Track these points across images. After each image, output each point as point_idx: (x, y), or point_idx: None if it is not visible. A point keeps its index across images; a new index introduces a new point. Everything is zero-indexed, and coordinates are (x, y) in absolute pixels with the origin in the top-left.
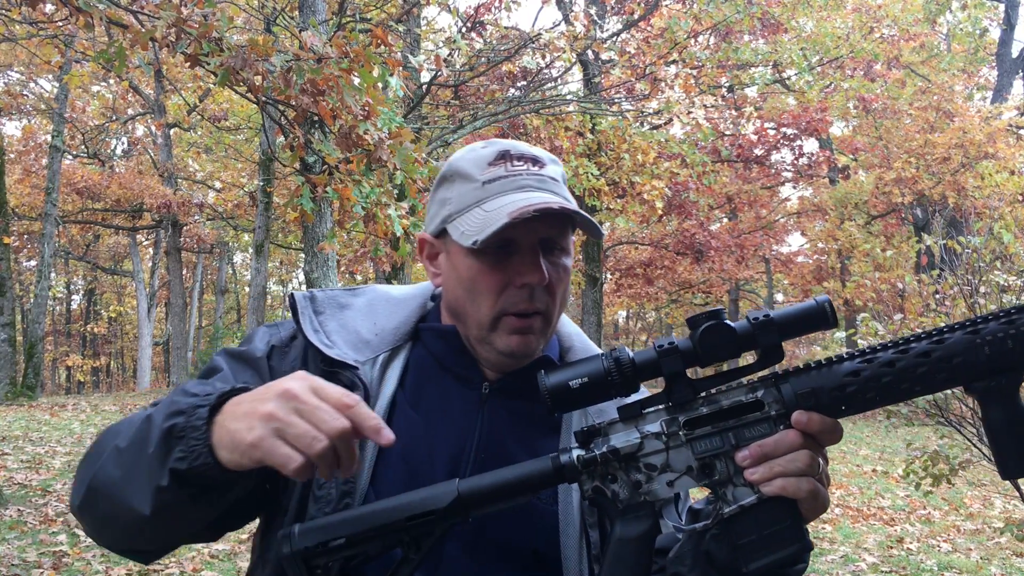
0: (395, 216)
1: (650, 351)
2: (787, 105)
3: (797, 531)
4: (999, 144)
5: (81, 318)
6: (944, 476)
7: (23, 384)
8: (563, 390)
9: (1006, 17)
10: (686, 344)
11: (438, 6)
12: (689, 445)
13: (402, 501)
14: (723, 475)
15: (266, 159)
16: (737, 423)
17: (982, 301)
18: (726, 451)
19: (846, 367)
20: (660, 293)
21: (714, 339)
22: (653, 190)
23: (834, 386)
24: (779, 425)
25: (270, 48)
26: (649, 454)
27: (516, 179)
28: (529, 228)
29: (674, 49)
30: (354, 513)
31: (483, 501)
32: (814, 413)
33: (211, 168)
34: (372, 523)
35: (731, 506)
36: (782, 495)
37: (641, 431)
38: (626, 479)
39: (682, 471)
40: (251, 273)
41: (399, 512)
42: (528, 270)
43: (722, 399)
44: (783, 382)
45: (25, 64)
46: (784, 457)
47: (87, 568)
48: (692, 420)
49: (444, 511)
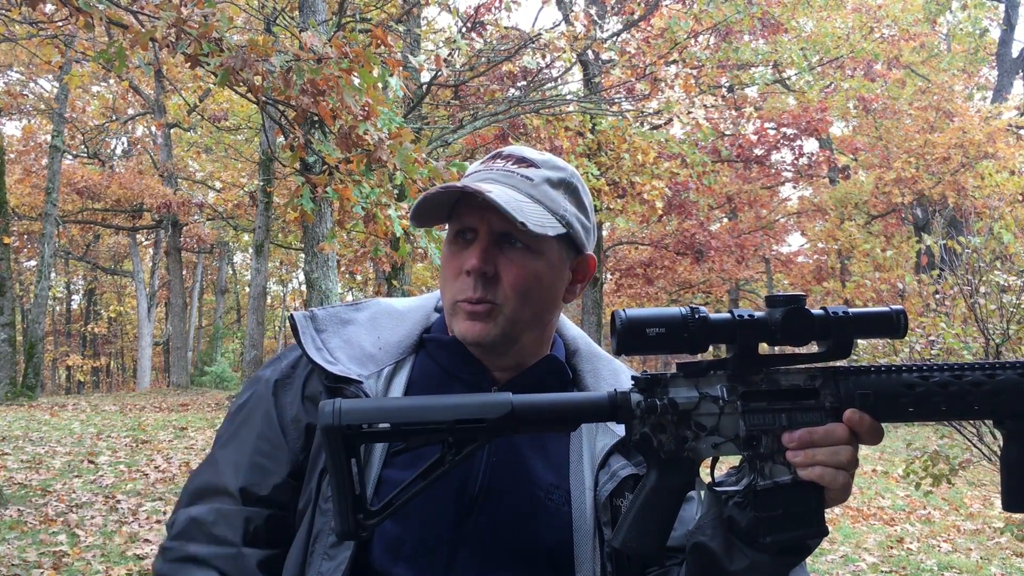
0: (395, 216)
1: (727, 317)
2: (787, 105)
3: (819, 516)
4: (999, 144)
5: (81, 318)
6: (944, 476)
7: (23, 384)
8: (638, 334)
9: (1006, 17)
10: (764, 320)
11: (438, 6)
12: (742, 415)
13: (455, 402)
14: (766, 450)
15: (266, 159)
16: (791, 406)
17: (982, 301)
18: (775, 429)
19: (904, 379)
20: (660, 293)
21: (795, 323)
22: (653, 190)
23: (890, 394)
24: (829, 417)
25: (270, 48)
26: (703, 415)
27: (486, 173)
28: (484, 218)
29: (674, 49)
30: (404, 403)
31: (534, 420)
32: (866, 415)
33: (211, 168)
34: (421, 417)
35: (766, 481)
36: (817, 482)
37: (701, 391)
38: (675, 432)
39: (729, 437)
40: (251, 273)
41: (450, 412)
42: (468, 256)
43: (782, 380)
44: (843, 378)
45: (25, 64)
46: (829, 448)
47: (87, 568)
48: (750, 392)
49: (495, 422)
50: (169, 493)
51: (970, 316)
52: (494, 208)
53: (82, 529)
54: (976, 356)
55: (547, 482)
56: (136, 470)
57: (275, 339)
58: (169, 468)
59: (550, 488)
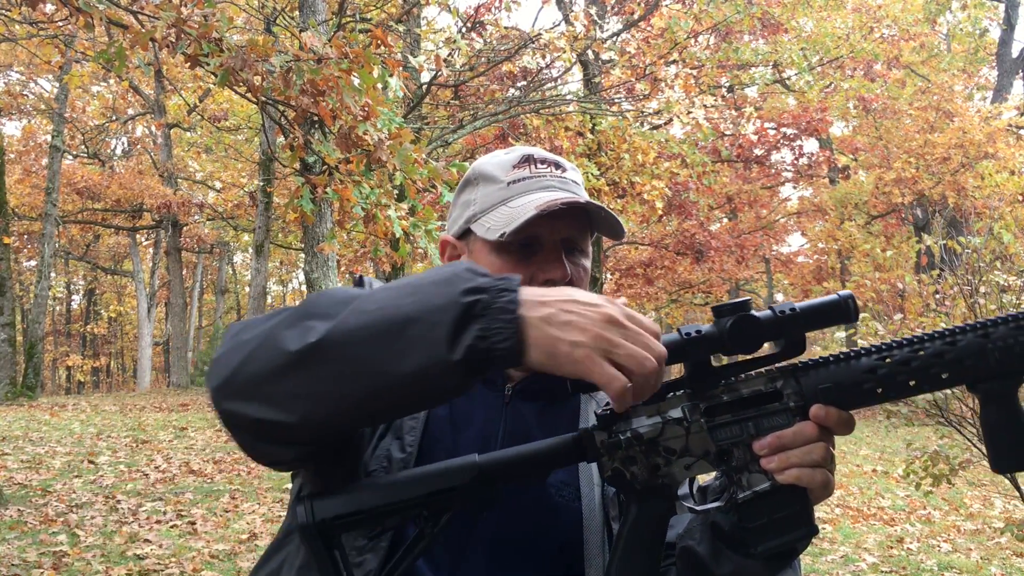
0: (395, 217)
1: (676, 337)
2: (787, 105)
3: (806, 516)
4: (999, 144)
5: (81, 318)
6: (944, 476)
7: (23, 384)
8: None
9: (1006, 17)
10: (713, 332)
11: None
12: (709, 432)
13: (423, 474)
14: (739, 462)
15: (266, 159)
16: (756, 412)
17: (982, 301)
18: (744, 439)
19: (864, 364)
20: (660, 293)
21: (743, 330)
22: (653, 190)
23: (852, 382)
24: (796, 416)
25: (270, 48)
26: (670, 439)
27: (540, 180)
28: (552, 227)
29: (674, 49)
30: (373, 485)
31: (504, 475)
32: (832, 408)
33: (211, 168)
34: (392, 497)
35: (745, 492)
36: (797, 484)
37: (663, 416)
38: (645, 462)
39: (700, 456)
40: (251, 273)
41: (420, 486)
42: (552, 267)
43: (742, 388)
44: (803, 375)
45: (25, 64)
46: (801, 448)
47: (87, 568)
48: (713, 407)
49: (466, 487)
50: (169, 493)
51: (970, 316)
52: (559, 216)
53: (82, 529)
54: None
55: (558, 479)
56: (136, 470)
57: None
58: (169, 468)
59: (561, 485)
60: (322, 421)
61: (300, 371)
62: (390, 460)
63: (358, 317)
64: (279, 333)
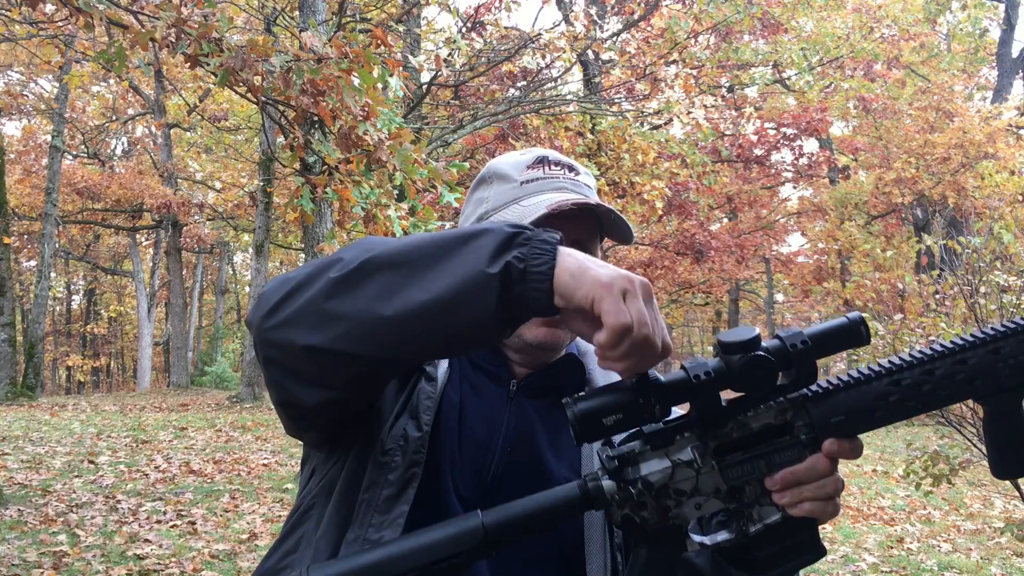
0: (395, 217)
1: (683, 377)
2: (787, 105)
3: (814, 541)
4: (999, 144)
5: (81, 318)
6: (944, 476)
7: (23, 384)
8: (595, 426)
9: (1006, 17)
10: (723, 372)
11: (438, 6)
12: (720, 472)
13: (425, 543)
14: (751, 498)
15: (266, 159)
16: (767, 448)
17: (982, 301)
18: (756, 476)
19: (875, 390)
20: (660, 293)
21: (757, 372)
22: (653, 190)
23: (863, 409)
24: (807, 449)
25: (270, 48)
26: (680, 481)
27: (553, 181)
28: (562, 229)
29: (674, 49)
30: (373, 558)
31: (510, 536)
32: (844, 440)
33: (211, 168)
34: (395, 569)
35: (756, 525)
36: (808, 517)
37: (672, 459)
38: (655, 505)
39: (710, 494)
40: (251, 273)
41: (423, 556)
42: None
43: (752, 422)
44: (813, 406)
45: (25, 64)
46: (814, 484)
47: (87, 568)
48: (723, 446)
49: (470, 552)
50: (169, 493)
51: (970, 316)
52: (569, 218)
53: (82, 529)
54: None
55: (561, 477)
56: (136, 470)
57: None
58: (169, 468)
59: (563, 483)
60: (359, 346)
61: (343, 292)
62: (407, 439)
63: (400, 244)
64: (324, 264)
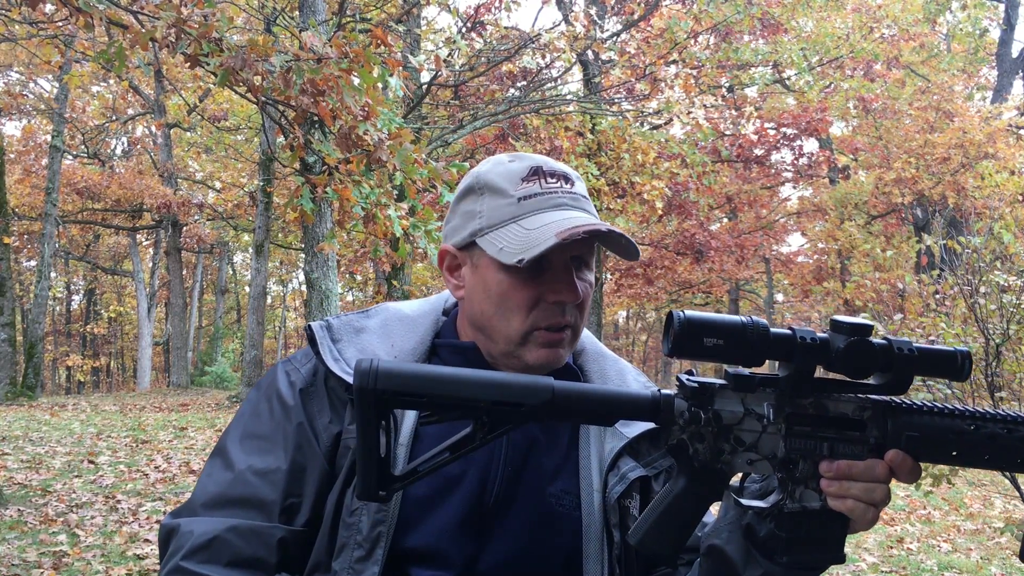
0: (395, 217)
1: (788, 334)
2: (787, 105)
3: (839, 544)
4: (999, 144)
5: (81, 318)
6: (944, 476)
7: (23, 384)
8: (694, 340)
9: (1006, 17)
10: (826, 345)
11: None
12: (784, 437)
13: (496, 380)
14: (801, 474)
15: (266, 159)
16: (835, 435)
17: (982, 301)
18: (814, 455)
19: (956, 425)
20: (660, 293)
21: (858, 356)
22: (653, 190)
23: (938, 439)
24: (870, 452)
25: (270, 48)
26: (745, 430)
27: (552, 197)
28: (563, 247)
29: (674, 49)
30: (443, 373)
31: (572, 409)
32: (909, 456)
33: (211, 168)
34: (459, 392)
35: (795, 504)
36: (847, 515)
37: (747, 406)
38: (712, 444)
39: (766, 456)
40: (251, 273)
41: (490, 391)
42: (563, 288)
43: (830, 406)
44: (893, 416)
45: (25, 64)
46: (865, 484)
47: (87, 568)
48: (796, 415)
49: (534, 407)
50: (169, 493)
51: (970, 316)
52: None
53: (82, 529)
54: (976, 356)
55: (559, 487)
56: (136, 470)
57: (275, 339)
58: (169, 468)
59: (561, 494)
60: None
61: None
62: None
63: None
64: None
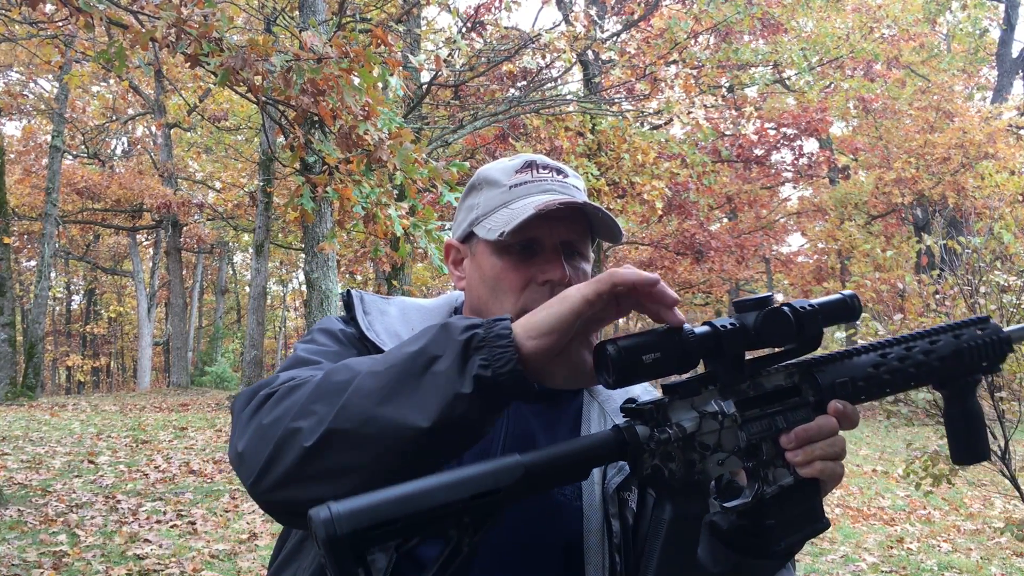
0: (395, 216)
1: (709, 330)
2: (787, 105)
3: (820, 510)
4: (999, 144)
5: (81, 318)
6: (944, 476)
7: (23, 384)
8: (635, 364)
9: (1006, 17)
10: (745, 326)
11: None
12: (741, 427)
13: (466, 476)
14: (767, 456)
15: (266, 159)
16: (782, 407)
17: (982, 301)
18: (772, 434)
19: (867, 360)
20: None
21: (774, 324)
22: (653, 190)
23: (860, 377)
24: (813, 411)
25: (270, 48)
26: (705, 434)
27: (541, 183)
28: (552, 230)
29: (674, 49)
30: (409, 489)
31: (548, 477)
32: (847, 402)
33: (211, 168)
34: (432, 501)
35: (771, 486)
36: (819, 478)
37: (699, 410)
38: (682, 458)
39: (731, 451)
40: (251, 273)
41: (462, 489)
42: (551, 268)
43: (765, 383)
44: (818, 370)
45: (25, 64)
46: (824, 442)
47: (87, 568)
48: (742, 401)
49: (510, 489)
50: (169, 493)
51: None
52: (559, 219)
53: (82, 529)
54: None
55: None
56: (136, 470)
57: (275, 339)
58: (169, 468)
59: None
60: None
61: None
62: None
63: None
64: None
